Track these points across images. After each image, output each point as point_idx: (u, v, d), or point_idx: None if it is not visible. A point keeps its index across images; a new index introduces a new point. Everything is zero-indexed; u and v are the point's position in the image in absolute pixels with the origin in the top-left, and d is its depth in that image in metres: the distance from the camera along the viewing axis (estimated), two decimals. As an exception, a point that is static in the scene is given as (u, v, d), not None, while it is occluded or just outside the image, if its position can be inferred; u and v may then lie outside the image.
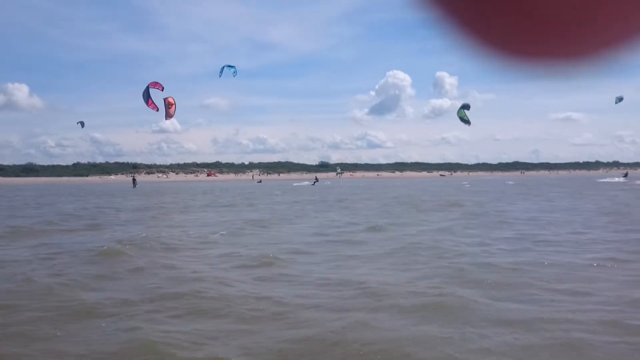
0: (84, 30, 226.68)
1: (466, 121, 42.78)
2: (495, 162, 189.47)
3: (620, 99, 63.16)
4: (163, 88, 36.68)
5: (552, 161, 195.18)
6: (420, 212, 18.61)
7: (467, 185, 53.02)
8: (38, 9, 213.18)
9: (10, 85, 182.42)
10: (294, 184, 64.50)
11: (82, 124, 75.95)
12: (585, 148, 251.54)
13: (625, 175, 68.20)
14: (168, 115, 38.32)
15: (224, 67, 43.13)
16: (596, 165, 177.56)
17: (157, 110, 36.83)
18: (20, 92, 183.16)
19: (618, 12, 0.44)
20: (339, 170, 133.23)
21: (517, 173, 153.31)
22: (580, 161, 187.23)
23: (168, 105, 38.34)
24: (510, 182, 60.63)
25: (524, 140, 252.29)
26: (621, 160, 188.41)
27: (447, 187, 50.10)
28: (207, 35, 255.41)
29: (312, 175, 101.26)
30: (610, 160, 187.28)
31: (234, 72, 43.83)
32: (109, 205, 25.63)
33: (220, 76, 44.14)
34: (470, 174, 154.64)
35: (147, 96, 36.12)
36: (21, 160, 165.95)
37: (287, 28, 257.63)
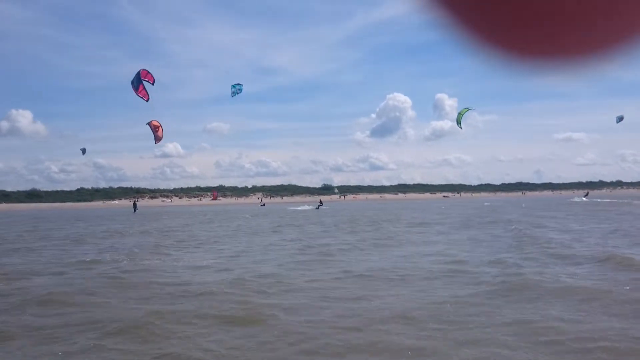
0: (88, 57, 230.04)
1: (459, 125, 42.90)
2: (498, 182, 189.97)
3: (621, 118, 64.35)
4: (154, 82, 35.15)
5: (555, 181, 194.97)
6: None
7: (443, 207, 55.03)
8: (42, 36, 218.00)
9: (14, 111, 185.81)
10: (291, 208, 58.55)
11: (84, 150, 78.93)
12: (589, 168, 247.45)
13: (586, 195, 73.44)
14: (157, 139, 37.86)
15: (239, 86, 44.95)
16: (600, 185, 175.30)
17: (148, 100, 34.62)
18: (24, 118, 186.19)
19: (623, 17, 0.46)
20: (336, 191, 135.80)
21: (519, 193, 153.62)
22: (584, 181, 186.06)
23: (154, 129, 37.66)
24: (486, 204, 62.13)
25: (526, 161, 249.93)
26: (624, 180, 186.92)
27: (418, 209, 51.81)
28: (210, 60, 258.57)
29: (315, 198, 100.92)
30: (614, 180, 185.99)
31: (234, 92, 45.59)
32: (71, 231, 27.75)
33: (238, 93, 44.17)
34: (473, 194, 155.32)
35: (137, 83, 33.98)
36: (25, 186, 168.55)
37: (290, 52, 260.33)
